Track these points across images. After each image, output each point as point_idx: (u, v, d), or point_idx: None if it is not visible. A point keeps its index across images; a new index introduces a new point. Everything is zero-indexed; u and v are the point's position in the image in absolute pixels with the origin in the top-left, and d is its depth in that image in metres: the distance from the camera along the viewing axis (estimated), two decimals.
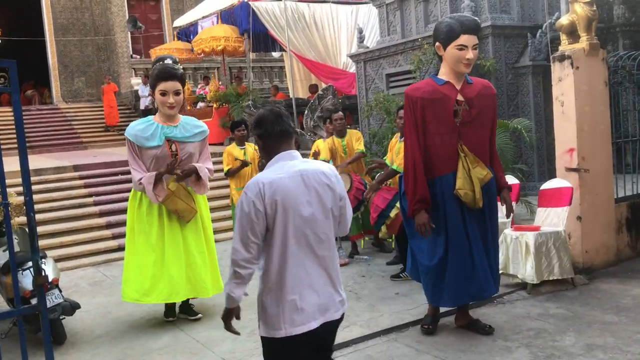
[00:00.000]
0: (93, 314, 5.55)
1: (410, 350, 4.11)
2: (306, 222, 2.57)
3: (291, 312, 2.57)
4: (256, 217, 2.51)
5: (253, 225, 2.52)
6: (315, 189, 2.60)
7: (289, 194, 2.53)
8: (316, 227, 2.59)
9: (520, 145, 8.57)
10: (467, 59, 4.08)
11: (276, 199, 2.51)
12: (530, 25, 9.07)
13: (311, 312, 2.59)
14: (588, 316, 4.52)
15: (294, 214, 2.54)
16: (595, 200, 5.63)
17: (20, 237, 5.44)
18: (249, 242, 2.53)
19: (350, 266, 6.64)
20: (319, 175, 2.62)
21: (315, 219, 2.59)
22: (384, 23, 10.48)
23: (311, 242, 2.59)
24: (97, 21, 20.40)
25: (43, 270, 3.27)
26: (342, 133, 7.27)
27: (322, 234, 2.62)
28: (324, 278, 2.64)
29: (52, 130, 16.64)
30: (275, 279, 2.59)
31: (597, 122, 5.65)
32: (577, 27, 5.63)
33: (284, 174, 2.56)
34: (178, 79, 4.92)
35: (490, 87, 4.36)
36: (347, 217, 2.79)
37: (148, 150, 4.88)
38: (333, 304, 2.66)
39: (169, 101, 4.88)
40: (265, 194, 2.51)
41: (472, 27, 4.11)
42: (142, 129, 4.92)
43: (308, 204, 2.57)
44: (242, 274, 2.59)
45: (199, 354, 4.34)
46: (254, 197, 2.51)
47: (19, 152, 3.11)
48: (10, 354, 4.39)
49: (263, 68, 20.68)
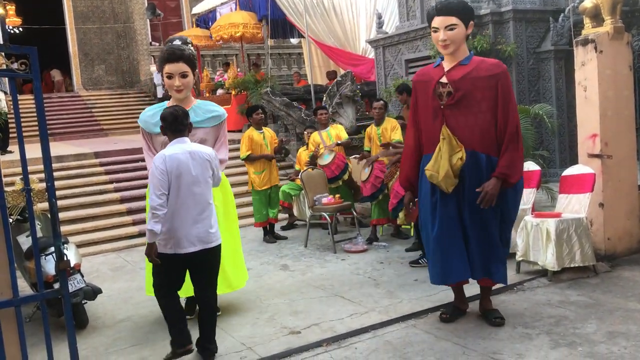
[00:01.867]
0: (114, 299, 5.62)
1: (429, 337, 4.10)
2: (193, 183, 3.85)
3: (178, 239, 3.82)
4: (161, 176, 3.77)
5: (161, 182, 3.76)
6: (198, 161, 3.90)
7: (181, 164, 3.82)
8: (198, 184, 3.88)
9: (541, 131, 8.46)
10: (441, 41, 4.06)
11: (174, 165, 3.79)
12: (552, 9, 8.90)
13: (192, 240, 3.84)
14: (610, 304, 4.47)
15: (185, 175, 3.81)
16: (618, 186, 5.54)
17: (43, 223, 5.52)
18: (159, 193, 3.75)
19: (369, 253, 6.64)
20: (201, 154, 3.94)
21: (199, 179, 3.88)
22: (403, 8, 10.36)
23: (195, 194, 3.85)
24: (116, 9, 20.49)
25: (65, 255, 3.31)
26: (380, 121, 7.27)
27: (202, 190, 3.91)
28: (202, 220, 3.88)
29: (73, 118, 16.81)
30: (170, 216, 3.79)
31: (621, 107, 5.55)
32: (601, 10, 5.52)
33: (179, 152, 3.86)
34: (185, 60, 4.61)
35: (490, 68, 4.04)
36: (216, 179, 4.10)
37: (157, 136, 4.68)
38: (207, 236, 3.90)
39: (175, 84, 4.61)
40: (167, 162, 3.79)
41: (441, 8, 4.04)
42: (152, 114, 4.74)
43: (194, 169, 3.86)
44: (159, 214, 3.73)
45: (218, 339, 4.36)
46: (160, 164, 3.80)
47: (40, 139, 3.15)
48: (34, 338, 4.46)
49: (281, 55, 20.64)
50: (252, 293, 5.40)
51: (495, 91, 4.00)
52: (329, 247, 7.04)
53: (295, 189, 8.33)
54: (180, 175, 3.79)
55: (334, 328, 4.39)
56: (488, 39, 8.51)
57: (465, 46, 4.16)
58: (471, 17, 4.10)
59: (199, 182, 3.87)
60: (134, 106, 18.09)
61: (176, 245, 3.83)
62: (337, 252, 6.79)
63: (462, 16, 4.02)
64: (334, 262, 6.37)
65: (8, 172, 8.60)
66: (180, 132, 3.96)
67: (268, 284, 5.74)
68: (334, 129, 7.94)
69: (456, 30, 4.01)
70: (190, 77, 4.70)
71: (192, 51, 4.86)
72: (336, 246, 6.92)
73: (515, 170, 4.01)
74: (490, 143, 4.04)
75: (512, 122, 4.01)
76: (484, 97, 4.01)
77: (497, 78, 4.00)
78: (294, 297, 5.22)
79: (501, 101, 4.01)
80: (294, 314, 4.77)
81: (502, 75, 4.02)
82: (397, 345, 4.00)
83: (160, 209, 3.72)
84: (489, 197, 3.96)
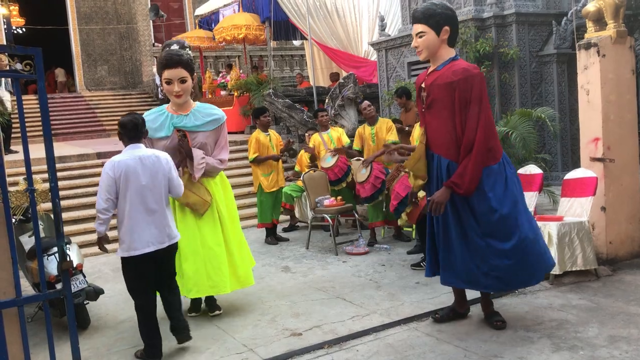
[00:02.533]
0: (116, 300, 5.63)
1: (430, 339, 4.10)
2: (142, 187, 4.02)
3: (131, 241, 4.02)
4: (108, 181, 3.99)
5: (108, 187, 3.99)
6: (148, 166, 4.05)
7: (129, 169, 3.99)
8: (149, 190, 4.05)
9: (543, 135, 8.47)
10: (414, 47, 4.19)
11: (122, 171, 3.98)
12: (555, 13, 8.91)
13: (145, 242, 4.03)
14: (612, 307, 4.47)
15: (134, 181, 3.99)
16: (621, 190, 5.54)
17: (46, 223, 5.54)
18: (105, 198, 4.00)
19: (371, 255, 6.64)
20: (152, 159, 4.10)
21: (149, 186, 4.04)
22: (406, 11, 10.36)
23: (146, 200, 4.04)
24: (119, 10, 20.53)
25: (68, 255, 3.33)
26: (373, 121, 7.25)
27: (153, 194, 4.07)
28: (154, 222, 4.07)
29: (76, 118, 16.85)
30: (125, 221, 4.04)
31: (623, 111, 5.55)
32: (604, 14, 5.52)
33: (129, 157, 4.04)
34: (183, 65, 4.61)
35: (450, 76, 3.98)
36: (175, 183, 4.23)
37: (157, 141, 4.69)
38: (162, 237, 4.10)
39: (175, 90, 4.63)
40: (115, 168, 3.99)
41: (415, 15, 4.14)
42: (152, 119, 4.71)
43: (143, 175, 4.03)
44: (102, 217, 4.05)
45: (220, 340, 4.38)
46: (109, 170, 4.01)
47: (44, 140, 3.16)
48: (36, 338, 4.47)
49: (284, 56, 20.65)
50: (254, 294, 5.40)
51: (452, 98, 3.98)
52: (330, 249, 7.04)
53: (297, 190, 8.33)
54: (128, 180, 3.99)
55: (335, 330, 4.39)
56: (491, 42, 8.51)
57: (447, 51, 4.11)
58: (446, 23, 4.04)
59: (148, 186, 4.04)
60: (136, 107, 18.11)
61: (133, 247, 4.03)
62: (338, 254, 6.79)
63: (432, 24, 4.03)
64: (336, 264, 6.37)
65: (11, 172, 8.62)
66: (136, 139, 4.16)
67: (269, 285, 5.75)
68: (334, 131, 7.95)
69: (425, 38, 4.06)
70: (189, 81, 4.69)
71: (190, 55, 4.84)
72: (338, 248, 6.92)
73: (464, 180, 3.92)
74: (452, 149, 4.04)
75: (469, 131, 3.94)
76: (444, 104, 4.03)
77: (454, 85, 3.96)
78: (296, 299, 5.22)
79: (458, 109, 3.97)
80: (295, 316, 4.78)
81: (460, 82, 3.94)
82: (399, 348, 4.00)
83: (104, 212, 4.03)
84: (434, 206, 3.99)
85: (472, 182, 3.93)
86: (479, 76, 4.00)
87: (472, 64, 4.20)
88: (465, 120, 3.95)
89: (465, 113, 3.96)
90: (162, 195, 4.13)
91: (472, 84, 3.94)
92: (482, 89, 3.99)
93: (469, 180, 3.92)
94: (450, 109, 4.00)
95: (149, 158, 4.08)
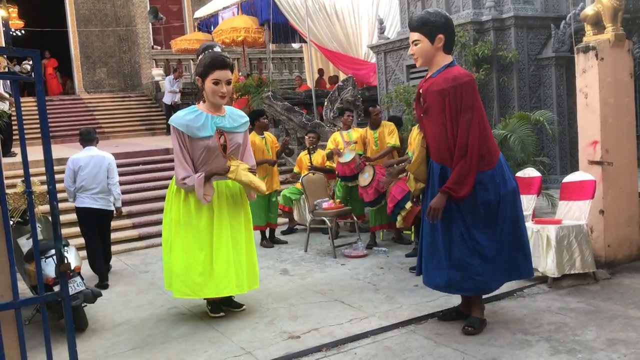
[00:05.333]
0: (114, 302, 5.62)
1: (428, 342, 4.10)
2: (90, 175, 6.23)
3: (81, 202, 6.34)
4: (69, 172, 6.26)
5: (69, 176, 6.25)
6: (96, 162, 6.29)
7: (81, 162, 6.24)
8: (94, 176, 6.26)
9: (542, 138, 8.47)
10: (410, 54, 4.27)
11: (79, 165, 6.24)
12: (553, 16, 8.92)
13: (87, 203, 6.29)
14: (610, 311, 4.47)
15: (83, 170, 6.19)
16: (619, 193, 5.55)
17: (44, 225, 5.53)
18: (68, 185, 6.29)
19: (369, 258, 6.64)
20: (100, 158, 6.35)
21: (93, 174, 6.25)
22: (405, 14, 10.37)
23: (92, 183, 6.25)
24: (118, 12, 20.52)
25: (66, 258, 3.32)
26: (376, 125, 7.28)
27: (95, 180, 6.28)
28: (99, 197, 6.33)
29: (75, 121, 16.78)
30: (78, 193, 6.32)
31: (621, 114, 5.56)
32: (602, 17, 5.53)
33: (83, 155, 6.30)
34: (230, 68, 4.81)
35: (441, 83, 4.05)
36: (113, 174, 6.42)
37: (199, 140, 4.72)
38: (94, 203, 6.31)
39: (222, 90, 4.74)
40: (73, 162, 6.27)
41: (410, 24, 4.23)
42: (193, 118, 4.75)
43: (92, 168, 6.24)
44: (68, 192, 6.38)
45: (218, 343, 4.38)
46: (70, 164, 6.27)
47: (42, 142, 3.15)
48: (33, 340, 4.46)
49: (283, 59, 20.65)
50: (252, 297, 5.40)
51: (443, 105, 4.04)
52: (329, 251, 7.04)
53: (296, 193, 8.32)
54: (79, 170, 6.24)
55: (333, 333, 4.38)
56: (489, 45, 8.52)
57: (442, 58, 4.16)
58: (439, 32, 4.09)
59: (94, 176, 6.26)
60: (135, 109, 18.10)
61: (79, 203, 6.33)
62: (337, 256, 6.79)
63: (426, 32, 4.10)
64: (334, 267, 6.37)
65: (9, 174, 8.61)
66: (90, 142, 6.43)
67: (268, 288, 5.74)
68: (355, 131, 7.87)
69: (420, 45, 4.14)
70: (231, 85, 4.87)
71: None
72: (336, 251, 6.92)
73: (461, 185, 3.99)
74: (444, 154, 4.12)
75: (461, 136, 3.99)
76: (437, 110, 4.10)
77: (445, 92, 4.02)
78: (294, 302, 5.22)
79: (449, 115, 4.03)
80: (293, 319, 4.77)
81: (450, 89, 4.00)
82: (397, 351, 4.00)
83: (70, 192, 6.36)
84: (433, 213, 4.04)
85: (469, 185, 3.99)
86: (470, 83, 4.04)
87: (465, 71, 4.22)
88: (458, 126, 4.00)
89: (457, 119, 4.01)
90: (102, 180, 6.31)
91: (462, 91, 3.99)
92: (473, 95, 4.03)
93: (468, 183, 3.98)
94: (443, 116, 4.07)
95: (97, 157, 6.35)
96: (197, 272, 4.76)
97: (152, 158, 10.83)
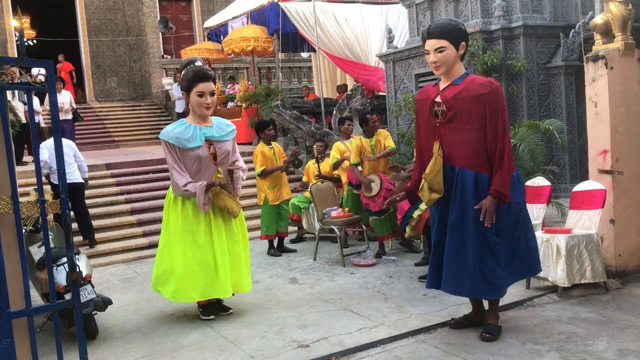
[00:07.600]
0: (124, 310, 5.65)
1: (438, 352, 4.09)
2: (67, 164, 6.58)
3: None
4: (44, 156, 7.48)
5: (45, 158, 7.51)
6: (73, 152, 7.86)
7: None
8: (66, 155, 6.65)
9: (551, 147, 8.45)
10: (431, 63, 4.20)
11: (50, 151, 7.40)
12: (562, 25, 8.92)
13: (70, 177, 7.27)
14: (621, 321, 4.44)
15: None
16: (629, 203, 5.52)
17: (55, 234, 5.56)
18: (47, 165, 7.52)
19: (378, 267, 6.64)
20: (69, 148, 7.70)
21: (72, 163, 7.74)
22: (414, 23, 10.42)
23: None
24: (129, 22, 20.71)
25: (77, 266, 3.35)
26: (372, 133, 7.28)
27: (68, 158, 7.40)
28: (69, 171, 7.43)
29: (85, 129, 16.93)
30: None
31: (631, 123, 5.54)
32: (611, 26, 5.53)
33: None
34: (212, 80, 5.07)
35: (478, 88, 4.09)
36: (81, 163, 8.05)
37: (190, 151, 4.98)
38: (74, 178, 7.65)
39: (206, 102, 5.00)
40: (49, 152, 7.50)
41: (431, 31, 4.18)
42: (181, 131, 5.01)
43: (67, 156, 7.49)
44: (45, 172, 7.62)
45: (227, 351, 4.39)
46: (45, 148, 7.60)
47: (55, 150, 3.19)
48: (45, 348, 4.49)
49: (292, 68, 20.74)
50: (261, 306, 5.41)
51: (483, 109, 4.08)
52: (338, 260, 7.04)
53: (305, 201, 8.34)
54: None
55: (342, 342, 4.38)
56: (498, 54, 8.53)
57: (460, 66, 4.22)
58: (462, 39, 4.15)
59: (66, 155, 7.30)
60: (145, 118, 18.23)
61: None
62: (346, 265, 6.79)
63: (452, 39, 4.11)
64: (343, 276, 6.36)
65: (22, 182, 8.68)
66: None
67: (277, 296, 5.75)
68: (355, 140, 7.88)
69: (445, 52, 4.12)
70: (215, 96, 5.11)
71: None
72: (345, 260, 6.92)
73: (507, 187, 4.07)
74: (480, 160, 4.12)
75: (500, 140, 4.07)
76: (472, 115, 4.10)
77: (484, 97, 4.06)
78: (303, 311, 5.22)
79: (489, 119, 4.08)
80: (302, 328, 4.78)
81: (490, 94, 4.07)
82: None
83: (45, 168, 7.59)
84: (489, 215, 4.04)
85: (509, 190, 4.09)
86: (500, 88, 4.20)
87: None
88: (496, 130, 4.08)
89: (496, 123, 4.08)
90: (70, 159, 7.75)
91: (498, 95, 4.11)
92: (503, 100, 4.18)
93: (508, 188, 4.08)
94: (477, 121, 4.10)
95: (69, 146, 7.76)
96: (200, 277, 5.00)
97: (162, 167, 10.86)
